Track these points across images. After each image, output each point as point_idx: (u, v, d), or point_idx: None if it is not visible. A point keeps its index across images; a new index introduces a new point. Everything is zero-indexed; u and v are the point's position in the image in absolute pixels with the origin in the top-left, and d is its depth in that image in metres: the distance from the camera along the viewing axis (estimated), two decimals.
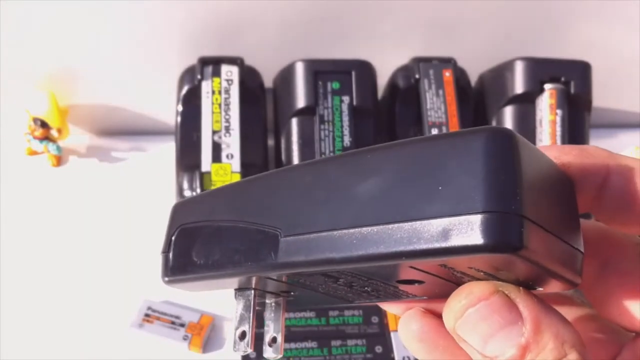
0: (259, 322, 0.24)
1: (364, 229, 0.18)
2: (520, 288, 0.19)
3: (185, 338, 0.64)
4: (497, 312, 0.18)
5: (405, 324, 0.23)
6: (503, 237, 0.16)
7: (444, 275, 0.19)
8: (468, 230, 0.16)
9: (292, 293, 0.25)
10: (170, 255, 0.23)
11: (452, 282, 0.20)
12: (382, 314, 0.66)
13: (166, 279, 0.23)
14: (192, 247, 0.22)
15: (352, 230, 0.18)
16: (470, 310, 0.19)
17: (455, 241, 0.16)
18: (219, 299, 0.68)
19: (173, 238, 0.23)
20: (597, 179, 0.20)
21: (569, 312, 0.20)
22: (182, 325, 0.65)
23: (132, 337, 0.64)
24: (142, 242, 0.72)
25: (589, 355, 0.18)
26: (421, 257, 0.17)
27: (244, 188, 0.23)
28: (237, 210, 0.22)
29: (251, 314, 0.24)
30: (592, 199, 0.21)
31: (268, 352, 0.24)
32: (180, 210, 0.24)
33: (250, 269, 0.21)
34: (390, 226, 0.18)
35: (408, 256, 0.17)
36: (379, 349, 0.64)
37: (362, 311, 0.66)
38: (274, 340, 0.24)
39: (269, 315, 0.25)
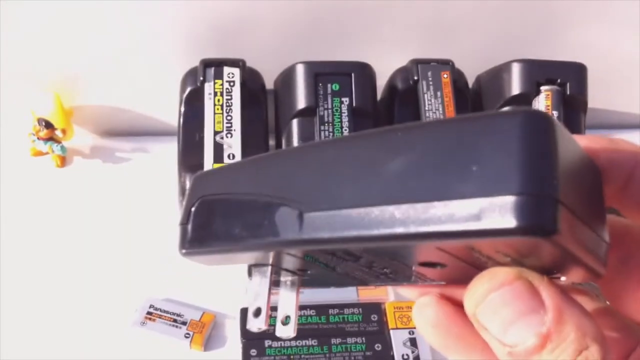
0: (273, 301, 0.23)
1: (393, 206, 0.17)
2: (545, 276, 0.18)
3: (187, 336, 0.63)
4: (520, 298, 0.18)
5: (420, 308, 0.23)
6: (538, 220, 0.15)
7: (468, 259, 0.19)
8: (502, 211, 0.15)
9: (308, 272, 0.24)
10: (189, 227, 0.22)
11: (475, 266, 0.19)
12: (381, 312, 0.67)
13: (183, 251, 0.22)
14: (213, 219, 0.21)
15: (380, 208, 0.17)
16: (493, 294, 0.18)
17: (489, 223, 0.16)
18: (221, 296, 0.68)
19: (193, 209, 0.22)
20: (625, 171, 0.20)
21: (585, 305, 0.19)
22: (184, 323, 0.64)
23: (134, 335, 0.64)
24: (144, 242, 0.72)
25: (609, 348, 0.18)
26: (451, 237, 0.16)
27: (268, 161, 0.22)
28: (261, 184, 0.21)
29: (267, 291, 0.23)
30: (618, 191, 0.20)
31: (280, 330, 0.24)
32: (201, 181, 0.23)
33: (272, 243, 0.20)
34: (420, 205, 0.17)
35: (438, 237, 0.17)
36: (378, 346, 0.64)
37: (361, 309, 0.67)
38: (287, 318, 0.24)
39: (283, 293, 0.24)
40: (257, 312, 0.23)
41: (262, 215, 0.20)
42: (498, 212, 0.15)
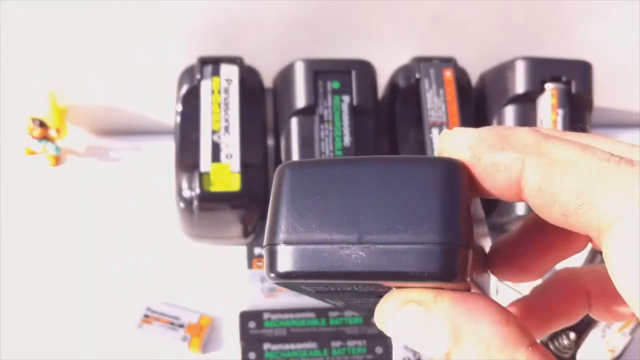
0: None
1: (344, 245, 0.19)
2: (437, 295, 0.19)
3: (184, 339, 0.64)
4: (416, 323, 0.19)
5: None
6: (448, 269, 0.18)
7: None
8: (418, 259, 0.18)
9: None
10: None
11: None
12: None
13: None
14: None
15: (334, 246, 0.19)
16: (388, 322, 0.20)
17: (405, 267, 0.19)
18: (219, 299, 0.68)
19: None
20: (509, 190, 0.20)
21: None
22: (182, 326, 0.64)
23: (131, 338, 0.64)
24: (140, 243, 0.71)
25: (523, 353, 0.18)
26: (370, 279, 0.19)
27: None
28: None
29: None
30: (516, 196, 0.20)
31: None
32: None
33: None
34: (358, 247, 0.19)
35: (358, 278, 0.19)
36: (379, 350, 0.64)
37: None
38: None
39: None
40: None
41: None
42: (417, 259, 0.18)
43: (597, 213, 0.17)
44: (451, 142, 0.20)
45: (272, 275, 0.20)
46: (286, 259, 0.19)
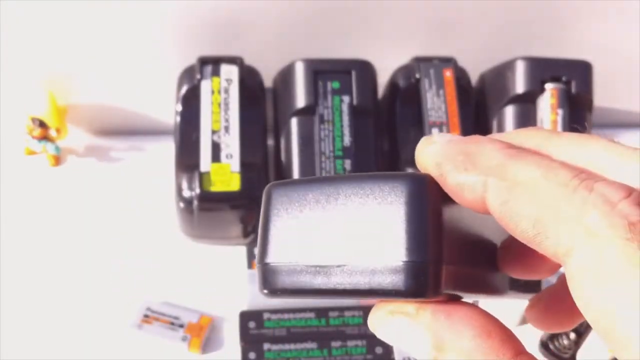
0: None
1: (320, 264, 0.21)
2: (419, 308, 0.20)
3: (184, 339, 0.63)
4: (400, 334, 0.20)
5: None
6: (416, 286, 0.19)
7: None
8: (388, 277, 0.19)
9: None
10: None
11: None
12: None
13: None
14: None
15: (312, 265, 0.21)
16: (379, 329, 0.21)
17: (378, 286, 0.20)
18: (219, 299, 0.67)
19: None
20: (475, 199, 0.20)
21: None
22: (181, 326, 0.64)
23: (131, 338, 0.63)
24: (140, 243, 0.71)
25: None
26: (347, 296, 0.20)
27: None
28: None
29: None
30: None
31: None
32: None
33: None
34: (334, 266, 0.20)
35: (338, 295, 0.20)
36: (379, 349, 0.64)
37: (362, 312, 0.66)
38: None
39: None
40: None
41: None
42: (385, 278, 0.19)
43: (552, 243, 0.17)
44: (421, 155, 0.21)
45: (264, 291, 0.22)
46: (274, 279, 0.21)
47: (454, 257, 0.20)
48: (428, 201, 0.20)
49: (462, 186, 0.19)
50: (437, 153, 0.20)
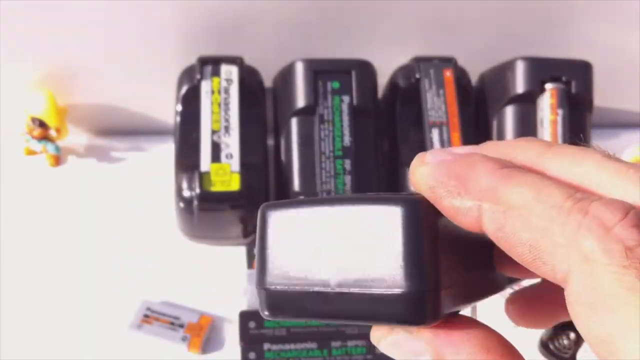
0: None
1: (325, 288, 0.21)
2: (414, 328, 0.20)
3: (184, 339, 0.63)
4: (401, 349, 0.20)
5: None
6: (415, 315, 0.19)
7: None
8: (387, 306, 0.19)
9: None
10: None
11: None
12: None
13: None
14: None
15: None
16: (381, 343, 0.21)
17: (376, 314, 0.20)
18: (219, 299, 0.67)
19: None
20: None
21: None
22: (181, 326, 0.64)
23: (131, 338, 0.63)
24: (140, 243, 0.71)
25: None
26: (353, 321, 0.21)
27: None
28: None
29: None
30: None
31: None
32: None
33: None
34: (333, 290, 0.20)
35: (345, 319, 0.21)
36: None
37: None
38: None
39: None
40: None
41: None
42: (386, 305, 0.19)
43: (549, 269, 0.17)
44: (414, 177, 0.20)
45: (265, 314, 0.22)
46: (274, 304, 0.21)
47: (452, 277, 0.20)
48: (423, 227, 0.19)
49: (456, 210, 0.19)
50: (429, 176, 0.20)
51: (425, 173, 0.20)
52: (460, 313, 0.21)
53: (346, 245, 0.20)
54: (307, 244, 0.21)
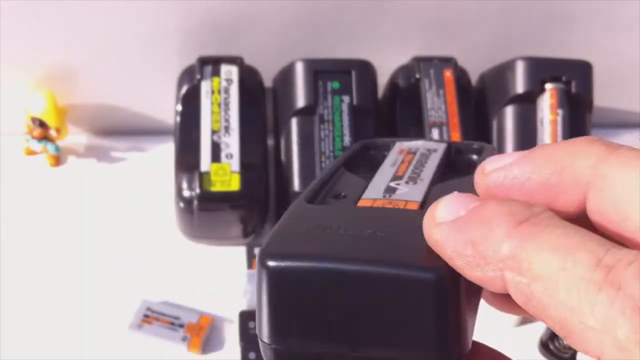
0: None
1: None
2: None
3: (184, 339, 0.63)
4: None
5: None
6: None
7: None
8: None
9: None
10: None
11: None
12: None
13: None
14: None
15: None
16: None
17: None
18: (219, 299, 0.67)
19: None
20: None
21: None
22: (181, 326, 0.64)
23: (130, 338, 0.63)
24: (140, 243, 0.71)
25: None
26: None
27: None
28: None
29: None
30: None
31: None
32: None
33: None
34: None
35: None
36: None
37: None
38: None
39: None
40: None
41: None
42: None
43: (581, 348, 0.16)
44: (430, 241, 0.19)
45: None
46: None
47: (472, 332, 0.19)
48: (448, 298, 0.18)
49: (481, 281, 0.18)
50: (444, 245, 0.18)
51: (440, 240, 0.18)
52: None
53: (360, 309, 0.19)
54: (315, 308, 0.19)
